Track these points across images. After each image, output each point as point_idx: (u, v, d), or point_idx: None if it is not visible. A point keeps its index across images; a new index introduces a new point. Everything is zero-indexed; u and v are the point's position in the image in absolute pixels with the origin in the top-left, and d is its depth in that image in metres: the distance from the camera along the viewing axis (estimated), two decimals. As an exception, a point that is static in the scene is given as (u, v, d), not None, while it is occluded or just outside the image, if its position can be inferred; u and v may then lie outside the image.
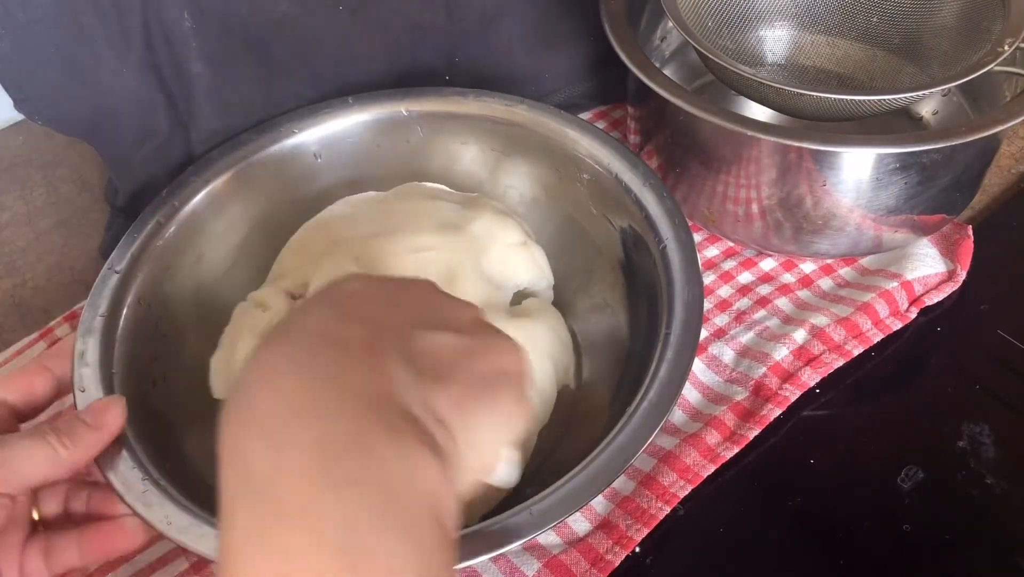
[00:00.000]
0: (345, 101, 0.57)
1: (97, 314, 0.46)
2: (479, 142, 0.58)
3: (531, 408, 0.30)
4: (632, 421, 0.41)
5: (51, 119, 0.52)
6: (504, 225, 0.52)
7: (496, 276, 0.51)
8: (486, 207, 0.53)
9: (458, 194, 0.56)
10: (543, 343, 0.48)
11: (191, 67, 0.53)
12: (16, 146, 0.72)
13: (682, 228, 0.49)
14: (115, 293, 0.47)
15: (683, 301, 0.45)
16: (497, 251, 0.51)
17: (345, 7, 0.55)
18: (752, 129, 0.48)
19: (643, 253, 0.50)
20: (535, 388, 0.46)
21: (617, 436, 0.40)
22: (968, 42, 0.54)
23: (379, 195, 0.56)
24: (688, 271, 0.46)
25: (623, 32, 0.55)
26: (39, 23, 0.47)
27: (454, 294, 0.46)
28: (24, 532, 0.38)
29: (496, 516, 0.38)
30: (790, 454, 0.50)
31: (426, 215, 0.52)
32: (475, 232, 0.51)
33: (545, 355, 0.48)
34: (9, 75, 0.48)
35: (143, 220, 0.51)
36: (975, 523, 0.46)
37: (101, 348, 0.44)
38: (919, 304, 0.56)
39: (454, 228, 0.51)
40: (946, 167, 0.50)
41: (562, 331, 0.51)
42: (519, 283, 0.52)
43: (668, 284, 0.46)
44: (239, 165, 0.55)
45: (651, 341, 0.45)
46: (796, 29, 0.62)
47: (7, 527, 0.36)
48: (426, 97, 0.58)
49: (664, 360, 0.43)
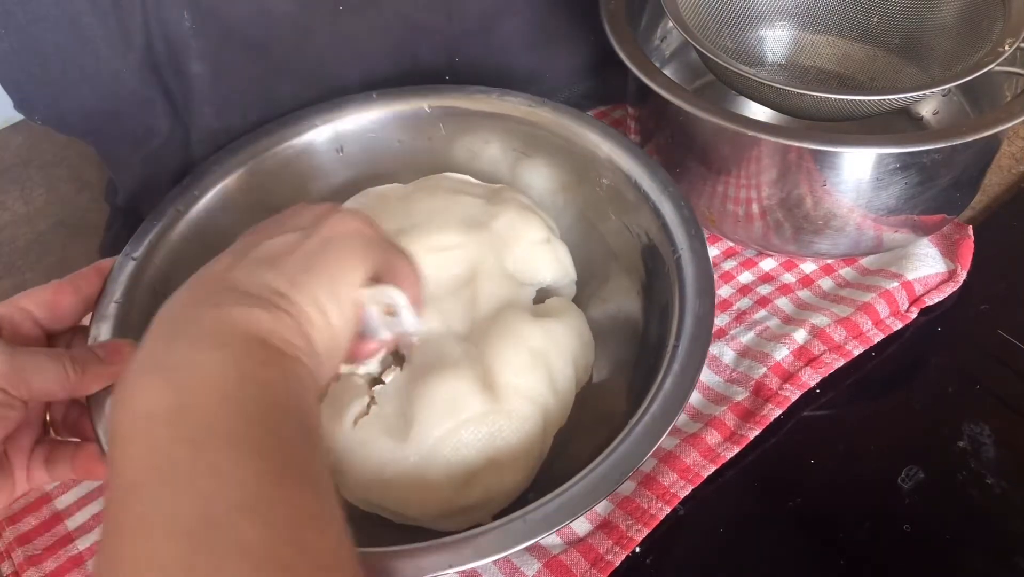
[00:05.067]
0: (369, 96, 0.57)
1: (111, 300, 0.46)
2: (500, 141, 0.58)
3: (372, 250, 0.36)
4: (634, 432, 0.41)
5: (51, 119, 0.52)
6: (528, 222, 0.52)
7: (520, 274, 0.51)
8: (510, 202, 0.53)
9: (482, 186, 0.55)
10: (566, 343, 0.48)
11: (191, 67, 0.53)
12: (16, 146, 0.72)
13: (697, 238, 0.48)
14: (131, 280, 0.47)
15: (694, 314, 0.45)
16: (521, 249, 0.51)
17: (345, 7, 0.55)
18: (752, 129, 0.48)
19: (658, 261, 0.50)
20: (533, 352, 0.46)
21: (619, 446, 0.40)
22: (968, 42, 0.54)
23: (402, 187, 0.55)
24: (701, 283, 0.46)
25: (623, 32, 0.55)
26: (39, 23, 0.47)
27: (477, 293, 0.48)
28: (35, 435, 0.41)
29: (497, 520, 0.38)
30: (790, 454, 0.50)
31: (450, 211, 0.51)
32: (499, 229, 0.51)
33: (568, 356, 0.48)
34: (9, 75, 0.48)
35: (162, 208, 0.51)
36: (975, 523, 0.46)
37: (115, 335, 0.44)
38: (919, 304, 0.56)
39: (478, 225, 0.51)
40: (946, 167, 0.50)
41: (584, 331, 0.50)
42: (543, 281, 0.52)
43: (680, 295, 0.46)
44: (259, 157, 0.55)
45: (660, 352, 0.45)
46: (796, 29, 0.62)
47: (22, 428, 0.40)
48: (449, 94, 0.58)
49: (670, 373, 0.43)
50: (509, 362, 0.45)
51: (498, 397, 0.44)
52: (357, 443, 0.44)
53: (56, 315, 0.42)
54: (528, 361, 0.45)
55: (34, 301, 0.42)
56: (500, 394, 0.44)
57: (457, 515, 0.43)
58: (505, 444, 0.43)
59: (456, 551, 0.37)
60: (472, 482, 0.43)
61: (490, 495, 0.43)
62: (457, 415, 0.43)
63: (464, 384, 0.44)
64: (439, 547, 0.37)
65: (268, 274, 0.33)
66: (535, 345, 0.46)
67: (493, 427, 0.43)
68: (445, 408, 0.43)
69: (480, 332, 0.47)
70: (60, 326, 0.43)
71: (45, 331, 0.42)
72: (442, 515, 0.43)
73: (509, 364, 0.45)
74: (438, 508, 0.43)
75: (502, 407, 0.44)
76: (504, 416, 0.44)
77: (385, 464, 0.43)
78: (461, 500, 0.43)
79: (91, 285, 0.45)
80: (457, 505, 0.43)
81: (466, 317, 0.48)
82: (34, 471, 0.41)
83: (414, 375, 0.45)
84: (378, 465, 0.43)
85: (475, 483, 0.43)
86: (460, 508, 0.43)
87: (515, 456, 0.44)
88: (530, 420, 0.44)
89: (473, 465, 0.43)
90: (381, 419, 0.44)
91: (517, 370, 0.45)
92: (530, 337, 0.46)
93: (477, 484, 0.43)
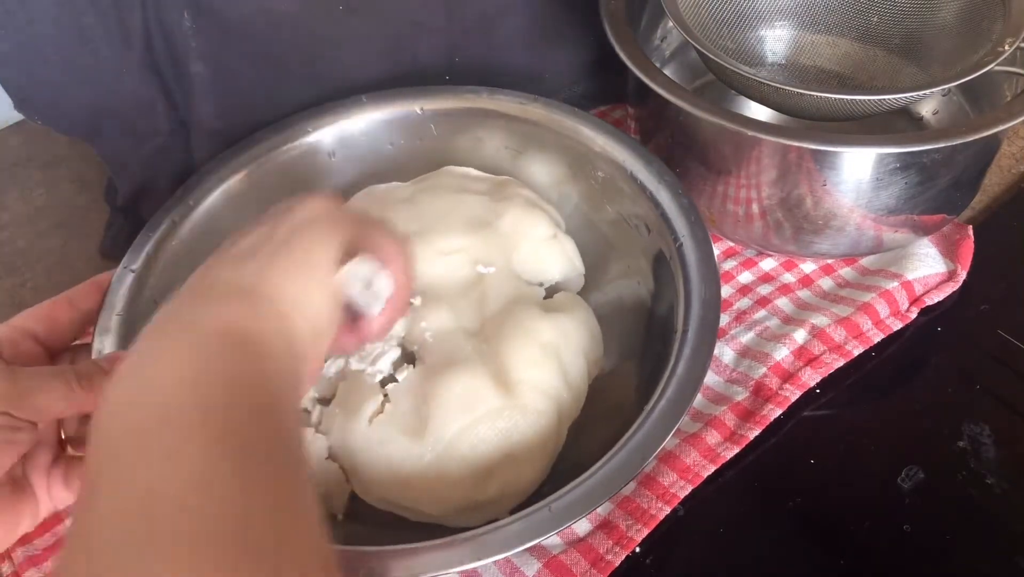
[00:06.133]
0: (359, 100, 0.57)
1: (113, 313, 0.46)
2: (493, 140, 0.58)
3: (339, 229, 0.36)
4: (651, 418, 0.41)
5: (51, 119, 0.52)
6: (533, 219, 0.52)
7: (527, 273, 0.51)
8: (514, 199, 0.53)
9: (486, 180, 0.55)
10: (576, 338, 0.48)
11: (191, 67, 0.53)
12: (16, 146, 0.72)
13: (698, 225, 0.49)
14: (131, 292, 0.47)
15: (700, 298, 0.45)
16: (527, 248, 0.51)
17: (345, 7, 0.55)
18: (752, 129, 0.48)
19: (659, 250, 0.50)
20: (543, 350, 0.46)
21: (637, 432, 0.40)
22: (968, 42, 0.54)
23: (405, 186, 0.55)
24: (704, 269, 0.47)
25: (623, 32, 0.55)
26: (39, 23, 0.47)
27: (486, 291, 0.49)
28: (52, 453, 0.40)
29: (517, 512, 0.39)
30: (790, 454, 0.50)
31: (455, 213, 0.52)
32: (504, 229, 0.51)
33: (579, 350, 0.48)
34: (9, 75, 0.48)
35: (158, 219, 0.51)
36: (975, 523, 0.46)
37: (118, 347, 0.44)
38: (919, 304, 0.56)
39: (483, 225, 0.51)
40: (946, 167, 0.50)
41: (593, 324, 0.51)
42: (552, 278, 0.52)
43: (685, 282, 0.46)
44: (253, 164, 0.55)
45: (668, 340, 0.45)
46: (796, 29, 0.62)
47: (37, 449, 0.39)
48: (440, 95, 0.58)
49: (682, 357, 0.43)
50: (522, 358, 0.45)
51: (513, 392, 0.44)
52: (374, 442, 0.44)
53: (55, 331, 0.42)
54: (540, 356, 0.46)
55: (32, 319, 0.41)
56: (515, 389, 0.44)
57: (474, 511, 0.44)
58: (521, 438, 0.44)
59: (482, 544, 0.37)
60: (489, 477, 0.43)
61: (507, 490, 0.44)
62: (473, 411, 0.43)
63: (479, 380, 0.44)
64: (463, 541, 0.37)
65: (239, 270, 0.33)
66: (546, 340, 0.46)
67: (509, 422, 0.44)
68: (461, 404, 0.43)
69: (491, 329, 0.47)
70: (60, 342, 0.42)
71: (46, 349, 0.41)
72: (459, 511, 0.44)
73: (522, 360, 0.45)
74: (456, 504, 0.43)
75: (517, 402, 0.44)
76: (519, 411, 0.44)
77: (402, 462, 0.43)
78: (478, 496, 0.43)
79: (89, 300, 0.44)
80: (474, 501, 0.43)
81: (477, 315, 0.48)
82: (55, 490, 0.40)
83: (428, 373, 0.45)
84: (395, 463, 0.43)
85: (492, 478, 0.43)
86: (477, 504, 0.43)
87: (531, 450, 0.44)
88: (545, 414, 0.45)
89: (490, 460, 0.43)
90: (396, 417, 0.44)
91: (530, 365, 0.45)
92: (541, 332, 0.46)
93: (494, 479, 0.43)
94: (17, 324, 0.40)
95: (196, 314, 0.31)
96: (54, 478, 0.40)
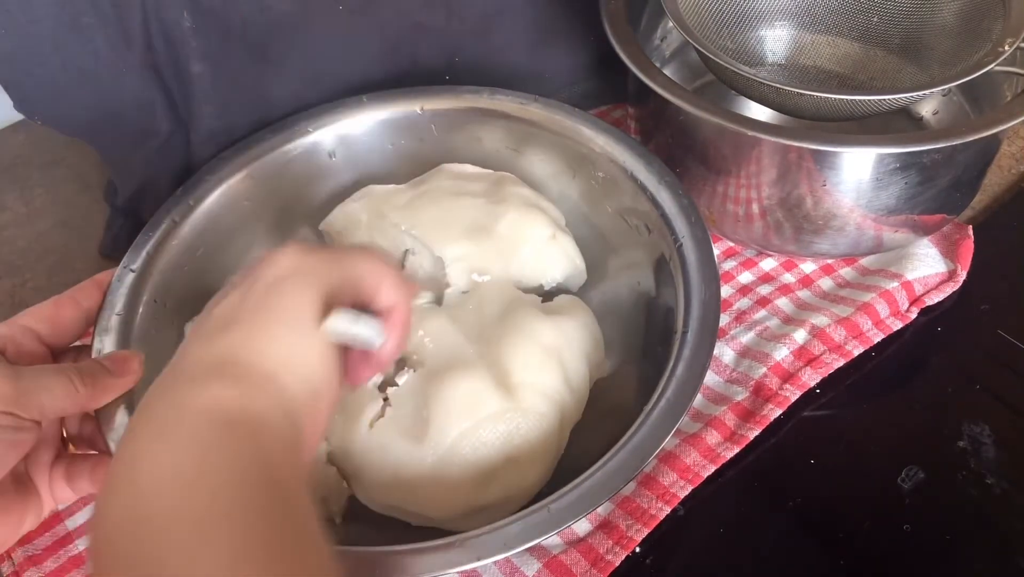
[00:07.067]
0: (359, 100, 0.57)
1: (113, 313, 0.46)
2: (493, 140, 0.58)
3: (316, 278, 0.34)
4: (651, 418, 0.41)
5: (51, 119, 0.52)
6: (532, 220, 0.52)
7: (528, 277, 0.52)
8: (512, 199, 0.53)
9: (483, 177, 0.55)
10: (578, 340, 0.48)
11: (191, 67, 0.53)
12: (16, 146, 0.72)
13: (698, 226, 0.49)
14: (131, 292, 0.47)
15: (700, 298, 0.45)
16: (527, 251, 0.51)
17: (345, 7, 0.55)
18: (752, 129, 0.48)
19: (659, 251, 0.50)
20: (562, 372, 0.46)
21: (638, 431, 0.40)
22: (968, 42, 0.53)
23: (402, 188, 0.55)
24: (705, 269, 0.47)
25: (623, 32, 0.55)
26: (39, 23, 0.47)
27: (487, 296, 0.49)
28: (54, 451, 0.41)
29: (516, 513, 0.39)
30: (790, 454, 0.50)
31: (453, 219, 0.51)
32: (503, 232, 0.51)
33: (580, 352, 0.48)
34: (9, 75, 0.48)
35: (158, 219, 0.51)
36: (975, 523, 0.46)
37: (118, 347, 0.44)
38: (919, 304, 0.56)
39: (482, 230, 0.51)
40: (946, 167, 0.50)
41: (594, 327, 0.51)
42: (553, 280, 0.52)
43: (685, 282, 0.46)
44: (253, 164, 0.55)
45: (668, 340, 0.45)
46: (796, 29, 0.62)
47: (39, 447, 0.40)
48: (440, 95, 0.58)
49: (682, 357, 0.43)
50: (524, 361, 0.45)
51: (515, 395, 0.44)
52: (375, 446, 0.44)
53: (58, 330, 0.42)
54: (542, 359, 0.46)
55: (35, 318, 0.41)
56: (517, 392, 0.44)
57: (477, 514, 0.43)
58: (524, 441, 0.44)
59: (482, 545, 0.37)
60: (491, 481, 0.43)
61: (509, 493, 0.44)
62: (475, 414, 0.43)
63: (480, 384, 0.44)
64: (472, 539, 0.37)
65: (221, 342, 0.32)
66: (548, 343, 0.46)
67: (511, 425, 0.44)
68: (463, 408, 0.43)
69: (493, 333, 0.47)
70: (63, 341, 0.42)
71: (49, 347, 0.41)
72: (462, 515, 0.43)
73: (524, 363, 0.45)
74: (458, 508, 0.43)
75: (519, 405, 0.44)
76: (521, 414, 0.44)
77: (403, 466, 0.43)
78: (481, 499, 0.43)
79: (91, 298, 0.44)
80: (477, 504, 0.43)
81: (478, 320, 0.48)
82: (57, 488, 0.41)
83: (429, 376, 0.45)
84: (396, 467, 0.43)
85: (494, 481, 0.43)
86: (480, 507, 0.43)
87: (533, 453, 0.44)
88: (547, 417, 0.45)
89: (492, 463, 0.43)
90: (397, 421, 0.44)
91: (532, 368, 0.45)
92: (542, 335, 0.46)
93: (496, 482, 0.43)
94: (19, 323, 0.41)
95: (184, 398, 0.31)
96: (56, 476, 0.41)
